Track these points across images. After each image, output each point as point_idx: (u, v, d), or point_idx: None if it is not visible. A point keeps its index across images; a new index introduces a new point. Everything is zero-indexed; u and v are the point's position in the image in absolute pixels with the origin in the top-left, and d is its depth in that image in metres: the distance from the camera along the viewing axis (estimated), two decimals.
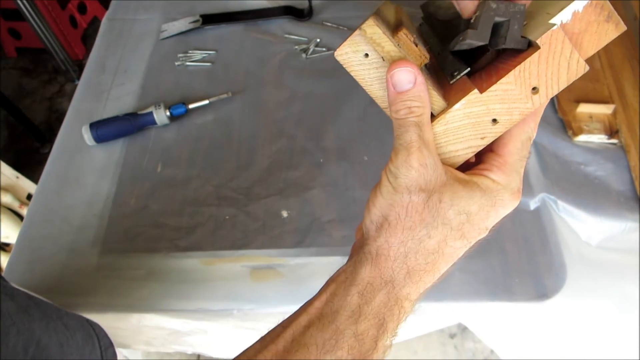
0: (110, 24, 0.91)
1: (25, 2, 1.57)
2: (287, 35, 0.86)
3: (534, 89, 0.30)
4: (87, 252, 0.63)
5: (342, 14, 0.88)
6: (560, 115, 0.71)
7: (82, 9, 2.00)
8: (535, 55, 0.29)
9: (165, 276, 0.61)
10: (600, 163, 0.66)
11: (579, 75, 0.29)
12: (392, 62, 0.32)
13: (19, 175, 1.23)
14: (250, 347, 0.32)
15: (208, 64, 0.83)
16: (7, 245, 1.20)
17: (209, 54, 0.84)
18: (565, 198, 0.62)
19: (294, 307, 0.30)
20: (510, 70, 0.29)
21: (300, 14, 0.89)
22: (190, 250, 0.62)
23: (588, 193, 0.64)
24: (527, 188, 0.64)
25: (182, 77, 0.81)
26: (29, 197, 1.22)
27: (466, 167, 0.33)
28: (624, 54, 0.75)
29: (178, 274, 0.61)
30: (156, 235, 0.64)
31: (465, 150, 0.32)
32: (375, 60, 0.32)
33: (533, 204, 0.63)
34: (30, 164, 1.59)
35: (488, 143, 0.32)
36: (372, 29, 0.31)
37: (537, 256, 0.59)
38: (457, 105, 0.31)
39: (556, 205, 0.62)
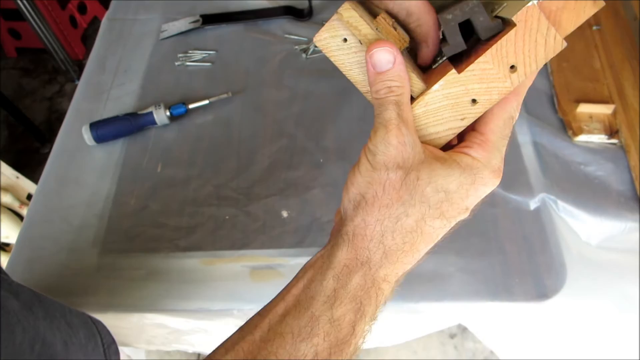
0: (110, 24, 0.91)
1: (25, 2, 1.57)
2: (287, 35, 0.86)
3: (512, 67, 0.30)
4: (87, 252, 0.63)
5: None
6: (560, 115, 0.71)
7: (82, 9, 2.00)
8: (512, 32, 0.28)
9: (165, 276, 0.61)
10: (600, 163, 0.66)
11: (557, 51, 0.29)
12: (370, 44, 0.31)
13: (19, 175, 1.23)
14: (229, 338, 0.31)
15: (208, 64, 0.83)
16: (7, 245, 1.20)
17: (209, 54, 0.84)
18: (565, 198, 0.62)
19: None
20: (487, 49, 0.29)
21: (300, 14, 0.89)
22: (190, 250, 0.62)
23: (588, 193, 0.64)
24: (527, 188, 0.64)
25: (182, 77, 0.81)
26: (29, 197, 1.22)
27: (448, 148, 0.33)
28: (624, 54, 0.75)
29: (178, 274, 0.61)
30: (156, 235, 0.64)
31: (445, 132, 0.32)
32: (354, 45, 0.32)
33: (533, 204, 0.63)
34: (30, 164, 1.59)
35: (468, 124, 0.32)
36: (349, 12, 0.31)
37: (537, 256, 0.59)
38: (435, 87, 0.31)
39: (556, 205, 0.62)
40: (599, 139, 0.68)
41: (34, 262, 0.62)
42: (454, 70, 0.30)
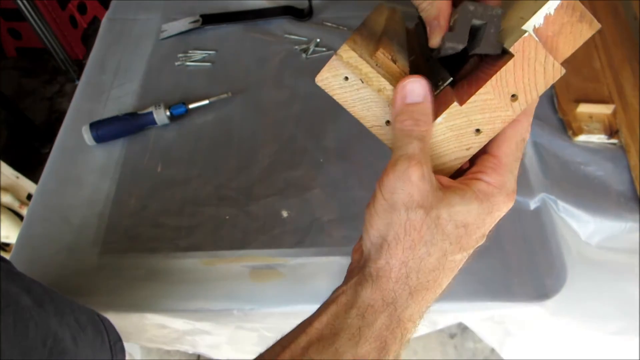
0: (110, 24, 0.91)
1: (25, 2, 1.57)
2: (287, 35, 0.86)
3: (513, 96, 0.30)
4: (87, 252, 0.63)
5: (342, 14, 0.88)
6: (560, 115, 0.71)
7: (82, 9, 2.00)
8: (510, 63, 0.29)
9: (165, 276, 0.61)
10: (600, 163, 0.66)
11: (556, 78, 0.29)
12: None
13: (19, 175, 1.23)
14: None
15: (208, 64, 0.83)
16: (7, 245, 1.20)
17: (209, 54, 0.84)
18: (565, 198, 0.62)
19: (294, 307, 0.30)
20: (487, 80, 0.29)
21: (300, 14, 0.89)
22: (190, 250, 0.62)
23: (588, 193, 0.64)
24: (527, 188, 0.64)
25: (182, 77, 0.81)
26: (29, 197, 1.22)
27: (460, 172, 0.33)
28: (624, 54, 0.75)
29: (178, 274, 0.61)
30: (156, 235, 0.64)
31: (452, 162, 0.33)
32: (355, 83, 0.33)
33: (533, 204, 0.63)
34: (30, 164, 1.58)
35: (474, 153, 0.32)
36: (348, 53, 0.32)
37: (537, 256, 0.59)
38: (439, 120, 0.31)
39: (556, 205, 0.62)
40: (599, 139, 0.68)
41: (34, 262, 0.62)
42: (456, 103, 0.30)
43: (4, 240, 1.16)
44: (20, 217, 1.18)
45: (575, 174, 0.66)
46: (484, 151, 0.32)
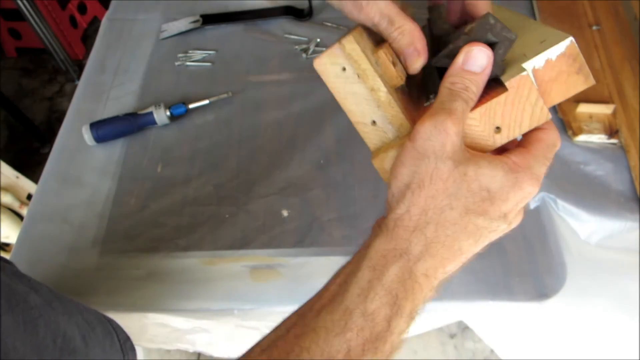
0: (110, 24, 0.91)
1: (25, 2, 1.58)
2: (287, 35, 0.86)
3: (497, 128, 0.30)
4: (87, 252, 0.63)
5: (342, 14, 0.88)
6: (560, 115, 0.71)
7: (82, 9, 2.00)
8: (502, 96, 0.29)
9: (166, 276, 0.61)
10: (600, 163, 0.66)
11: (541, 122, 0.30)
12: (367, 78, 0.32)
13: (19, 175, 1.23)
14: (265, 336, 0.31)
15: (208, 64, 0.83)
16: (7, 245, 1.20)
17: (209, 54, 0.84)
18: (565, 197, 0.62)
19: (294, 307, 0.30)
20: (477, 107, 0.30)
21: (300, 14, 0.89)
22: (190, 250, 0.62)
23: (588, 192, 0.64)
24: None
25: (182, 77, 0.81)
26: (29, 197, 1.22)
27: None
28: (624, 54, 0.75)
29: (178, 273, 0.61)
30: (156, 235, 0.64)
31: None
32: (351, 76, 0.33)
33: (533, 203, 0.63)
34: (30, 164, 1.58)
35: None
36: (351, 45, 0.32)
37: (537, 255, 0.59)
38: None
39: (556, 205, 0.62)
40: (599, 139, 0.68)
41: (34, 262, 0.62)
42: None
43: (4, 240, 1.16)
44: (20, 217, 1.18)
45: (575, 173, 0.66)
46: (517, 144, 0.33)
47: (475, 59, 0.30)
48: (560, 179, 0.65)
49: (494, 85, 0.31)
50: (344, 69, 0.33)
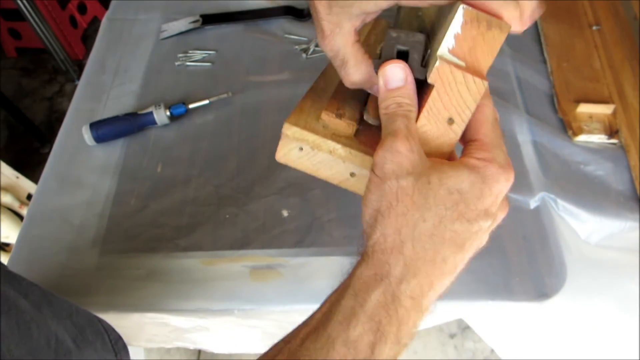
0: (110, 24, 0.91)
1: (25, 2, 1.58)
2: (287, 35, 0.86)
3: (449, 119, 0.31)
4: (87, 252, 0.63)
5: None
6: (560, 115, 0.71)
7: (82, 9, 2.00)
8: (434, 93, 0.30)
9: (166, 276, 0.61)
10: (600, 163, 0.66)
11: (482, 92, 0.30)
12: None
13: (19, 175, 1.23)
14: None
15: (208, 64, 0.83)
16: (7, 245, 1.20)
17: (209, 54, 0.84)
18: (565, 197, 0.62)
19: (294, 307, 0.30)
20: (420, 113, 0.30)
21: (300, 14, 0.89)
22: (191, 250, 0.62)
23: (588, 192, 0.64)
24: (527, 187, 0.64)
25: (182, 77, 0.81)
26: (29, 197, 1.22)
27: None
28: (624, 54, 0.75)
29: (178, 273, 0.61)
30: (156, 235, 0.64)
31: None
32: (309, 150, 0.35)
33: (533, 203, 0.63)
34: (30, 164, 1.59)
35: None
36: (291, 129, 0.35)
37: (537, 255, 0.59)
38: None
39: (556, 204, 0.62)
40: (599, 139, 0.68)
41: (34, 262, 0.62)
42: None
43: (4, 240, 1.16)
44: (20, 217, 1.18)
45: (575, 173, 0.66)
46: (465, 140, 0.33)
47: (392, 76, 0.31)
48: (560, 179, 0.65)
49: (426, 85, 0.31)
50: (301, 148, 0.35)
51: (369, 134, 0.35)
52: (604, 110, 0.70)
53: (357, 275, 0.30)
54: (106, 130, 0.72)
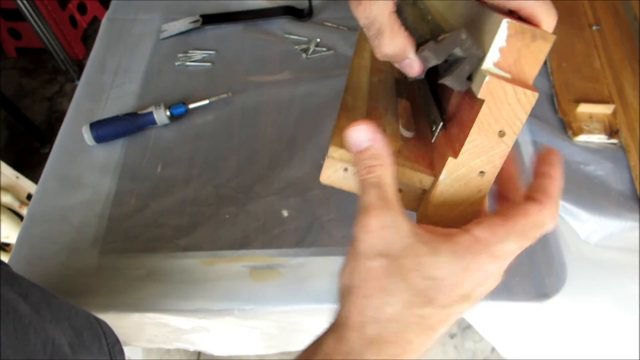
0: (110, 24, 0.91)
1: (25, 2, 1.58)
2: (287, 35, 0.86)
3: (500, 132, 0.30)
4: (87, 252, 0.63)
5: (342, 14, 0.88)
6: (560, 115, 0.71)
7: (82, 9, 2.00)
8: (485, 108, 0.29)
9: (166, 276, 0.61)
10: (600, 163, 0.66)
11: (532, 104, 0.30)
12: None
13: (19, 175, 1.23)
14: None
15: (208, 64, 0.83)
16: (7, 245, 1.20)
17: (209, 54, 0.84)
18: (565, 197, 0.62)
19: (294, 307, 0.30)
20: (470, 127, 0.30)
21: (300, 14, 0.89)
22: (190, 250, 0.62)
23: (588, 192, 0.64)
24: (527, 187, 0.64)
25: (182, 77, 0.81)
26: (29, 197, 1.22)
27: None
28: (624, 54, 0.75)
29: (178, 273, 0.61)
30: (156, 235, 0.64)
31: (470, 208, 0.33)
32: (354, 171, 0.34)
33: None
34: (30, 164, 1.59)
35: (486, 193, 0.33)
36: (337, 152, 0.34)
37: (537, 255, 0.59)
38: (442, 177, 0.32)
39: None
40: (599, 139, 0.68)
41: (34, 262, 0.62)
42: (451, 158, 0.31)
43: (4, 240, 1.16)
44: (20, 217, 1.18)
45: (575, 173, 0.66)
46: (497, 192, 0.32)
47: (356, 139, 0.30)
48: None
49: (471, 99, 0.31)
50: (346, 169, 0.35)
51: (409, 147, 0.36)
52: (604, 110, 0.70)
53: (323, 345, 0.30)
54: (106, 130, 0.72)
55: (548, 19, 0.29)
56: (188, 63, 0.83)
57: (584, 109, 0.70)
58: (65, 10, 1.89)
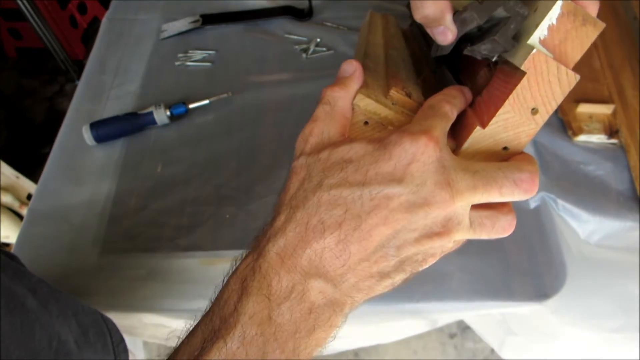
0: (110, 24, 0.91)
1: (25, 2, 1.57)
2: (287, 35, 0.86)
3: (533, 109, 0.30)
4: (87, 252, 0.63)
5: (342, 14, 0.88)
6: (560, 115, 0.71)
7: (82, 9, 2.00)
8: (524, 80, 0.29)
9: (166, 276, 0.61)
10: (600, 162, 0.66)
11: (572, 85, 0.29)
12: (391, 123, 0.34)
13: (19, 175, 1.23)
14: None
15: (208, 64, 0.83)
16: (7, 245, 1.20)
17: (209, 54, 0.84)
18: (565, 197, 0.62)
19: None
20: (505, 98, 0.30)
21: (300, 14, 0.89)
22: (191, 249, 0.62)
23: (588, 192, 0.64)
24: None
25: (182, 77, 0.81)
26: (29, 197, 1.22)
27: None
28: (624, 54, 0.75)
29: (178, 273, 0.61)
30: (156, 235, 0.64)
31: None
32: (375, 126, 0.34)
33: (533, 203, 0.63)
34: (30, 164, 1.58)
35: None
36: (364, 101, 0.33)
37: (537, 255, 0.59)
38: (465, 145, 0.31)
39: (556, 204, 0.62)
40: (599, 138, 0.68)
41: (34, 262, 0.62)
42: (479, 127, 0.30)
43: (4, 240, 1.16)
44: (20, 217, 1.18)
45: (575, 173, 0.66)
46: None
47: (344, 69, 0.33)
48: (560, 179, 0.65)
49: (510, 71, 0.30)
50: (366, 122, 0.34)
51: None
52: (603, 110, 0.70)
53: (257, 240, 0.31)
54: (106, 130, 0.72)
55: (593, 7, 0.29)
56: (188, 63, 0.83)
57: (583, 109, 0.70)
58: (65, 10, 1.89)
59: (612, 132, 0.68)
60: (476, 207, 0.30)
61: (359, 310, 0.31)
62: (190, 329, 0.31)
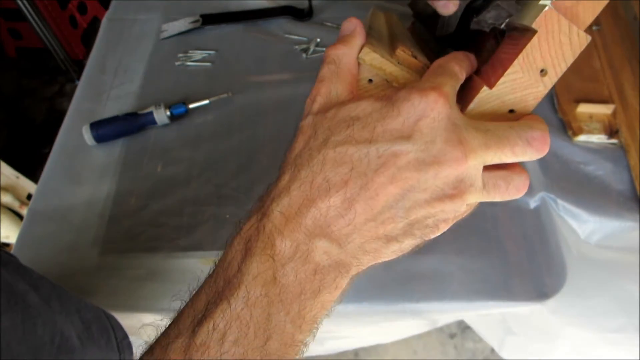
0: (110, 24, 0.91)
1: (25, 2, 1.57)
2: (287, 35, 0.86)
3: (542, 71, 0.29)
4: (87, 252, 0.63)
5: (342, 14, 0.88)
6: (560, 115, 0.71)
7: (82, 9, 2.00)
8: (535, 39, 0.28)
9: (166, 276, 0.61)
10: (600, 162, 0.66)
11: (583, 46, 0.29)
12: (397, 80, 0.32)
13: (19, 175, 1.23)
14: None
15: (208, 64, 0.83)
16: (7, 245, 1.20)
17: (209, 54, 0.84)
18: (565, 197, 0.62)
19: None
20: (514, 59, 0.29)
21: (300, 14, 0.89)
22: (191, 249, 0.62)
23: (588, 192, 0.64)
24: (528, 187, 0.64)
25: (182, 77, 0.81)
26: (29, 197, 1.22)
27: None
28: (624, 54, 0.75)
29: (178, 273, 0.61)
30: (157, 235, 0.64)
31: None
32: (380, 84, 0.33)
33: (533, 203, 0.63)
34: (30, 164, 1.58)
35: None
36: (370, 55, 0.32)
37: (537, 255, 0.59)
38: (471, 106, 0.30)
39: (556, 204, 0.62)
40: (599, 138, 0.68)
41: (34, 262, 0.62)
42: (485, 87, 0.30)
43: (4, 240, 1.16)
44: (20, 217, 1.18)
45: (575, 173, 0.66)
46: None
47: (345, 27, 0.33)
48: (560, 179, 0.65)
49: (519, 32, 0.30)
50: (370, 80, 0.33)
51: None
52: (603, 110, 0.70)
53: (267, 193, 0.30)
54: (106, 130, 0.72)
55: None
56: (188, 63, 0.83)
57: (584, 109, 0.70)
58: (65, 10, 1.89)
59: (612, 132, 0.68)
60: (488, 168, 0.28)
61: (359, 310, 0.31)
62: (194, 291, 0.30)
